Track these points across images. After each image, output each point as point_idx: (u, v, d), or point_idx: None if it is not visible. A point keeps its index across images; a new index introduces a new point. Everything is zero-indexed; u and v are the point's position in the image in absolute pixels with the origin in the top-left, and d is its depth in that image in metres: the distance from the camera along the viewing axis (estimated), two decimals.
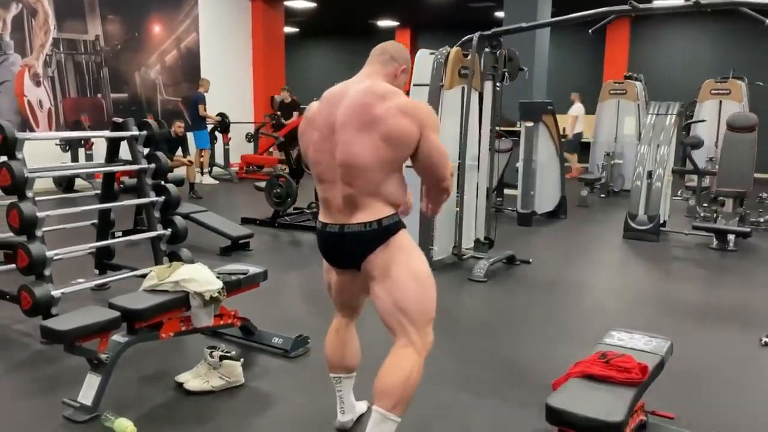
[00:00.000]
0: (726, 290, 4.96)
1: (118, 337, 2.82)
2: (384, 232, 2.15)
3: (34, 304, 3.33)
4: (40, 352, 3.39)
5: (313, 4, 13.49)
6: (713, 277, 5.41)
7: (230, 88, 11.88)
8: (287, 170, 7.06)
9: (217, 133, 11.13)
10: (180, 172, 5.52)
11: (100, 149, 9.17)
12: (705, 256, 5.95)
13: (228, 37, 12.11)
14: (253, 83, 12.76)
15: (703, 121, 8.17)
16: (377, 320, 2.25)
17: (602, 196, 9.50)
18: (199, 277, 3.07)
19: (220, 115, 11.01)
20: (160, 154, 4.20)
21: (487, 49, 4.83)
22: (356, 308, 2.53)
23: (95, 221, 4.46)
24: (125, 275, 4.04)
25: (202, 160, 10.44)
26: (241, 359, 3.07)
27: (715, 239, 6.12)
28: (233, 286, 3.26)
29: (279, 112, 12.07)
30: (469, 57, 4.96)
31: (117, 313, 2.74)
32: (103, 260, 4.52)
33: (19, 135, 3.43)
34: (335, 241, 2.21)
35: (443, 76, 4.88)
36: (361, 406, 2.71)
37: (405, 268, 2.17)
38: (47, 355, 3.35)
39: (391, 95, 2.13)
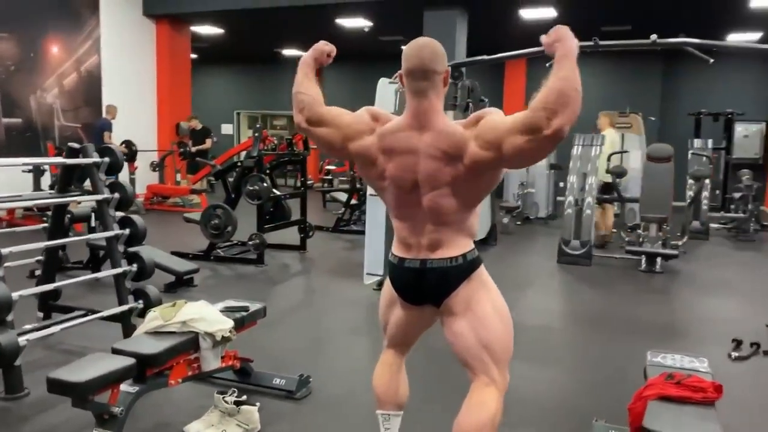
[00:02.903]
0: (670, 309, 5.29)
1: (127, 387, 2.51)
2: (468, 267, 2.07)
3: (0, 354, 2.90)
4: (6, 410, 2.95)
5: (220, 31, 13.16)
6: (653, 297, 5.72)
7: (134, 114, 11.20)
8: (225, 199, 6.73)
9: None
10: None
11: (1, 178, 8.28)
12: (637, 278, 6.33)
13: (132, 61, 11.47)
14: (158, 109, 12.14)
15: (626, 152, 8.78)
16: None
17: (518, 223, 9.92)
18: (207, 315, 2.83)
19: (126, 143, 10.39)
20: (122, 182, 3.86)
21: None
22: (411, 345, 2.42)
23: (40, 258, 4.00)
24: (89, 317, 3.61)
25: None
26: (257, 404, 2.84)
27: (644, 262, 6.54)
28: (237, 324, 3.02)
29: (188, 140, 11.59)
30: None
31: (131, 360, 2.45)
32: (49, 301, 4.05)
33: None
34: (415, 277, 2.09)
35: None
36: None
37: (488, 305, 2.10)
38: (16, 412, 2.94)
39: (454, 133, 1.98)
